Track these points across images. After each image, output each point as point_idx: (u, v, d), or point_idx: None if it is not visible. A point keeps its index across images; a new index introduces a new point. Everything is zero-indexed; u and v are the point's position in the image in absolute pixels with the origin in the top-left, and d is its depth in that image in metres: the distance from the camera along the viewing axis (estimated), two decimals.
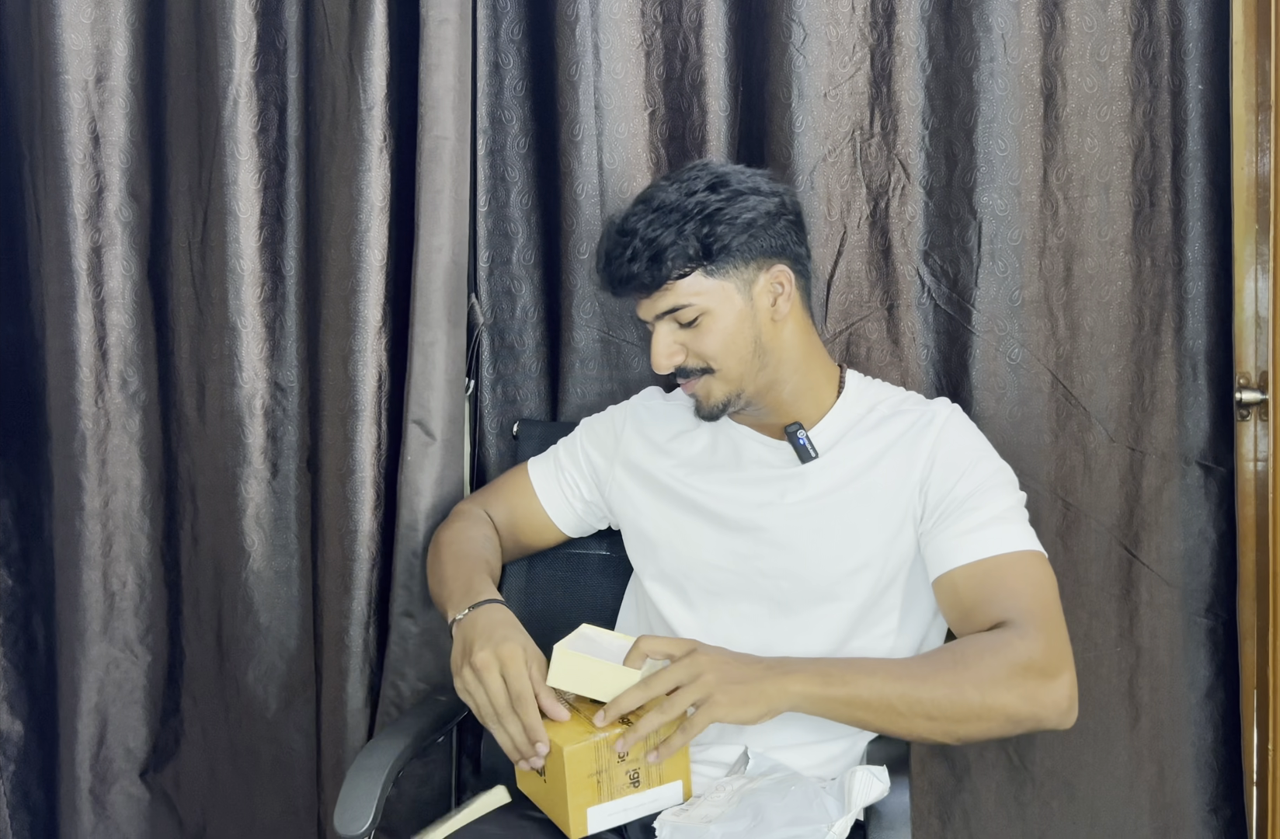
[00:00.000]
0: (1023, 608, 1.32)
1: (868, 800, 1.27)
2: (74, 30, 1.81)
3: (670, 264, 1.39)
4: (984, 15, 1.68)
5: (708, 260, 1.40)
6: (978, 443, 1.47)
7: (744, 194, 1.42)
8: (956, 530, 1.38)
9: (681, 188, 1.42)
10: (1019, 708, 1.27)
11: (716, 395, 1.46)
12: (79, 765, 1.94)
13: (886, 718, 1.27)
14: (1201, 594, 1.76)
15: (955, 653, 1.30)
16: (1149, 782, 1.78)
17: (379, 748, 1.47)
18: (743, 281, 1.43)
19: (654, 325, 1.45)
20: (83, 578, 1.90)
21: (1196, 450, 1.75)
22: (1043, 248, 1.72)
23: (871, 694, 1.26)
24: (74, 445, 1.88)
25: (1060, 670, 1.29)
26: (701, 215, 1.39)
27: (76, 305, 1.86)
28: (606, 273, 1.46)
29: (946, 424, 1.45)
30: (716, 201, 1.40)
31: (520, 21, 1.82)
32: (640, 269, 1.40)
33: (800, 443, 1.46)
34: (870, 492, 1.44)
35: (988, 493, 1.40)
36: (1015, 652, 1.28)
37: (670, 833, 1.27)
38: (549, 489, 1.64)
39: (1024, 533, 1.39)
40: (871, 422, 1.48)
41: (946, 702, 1.25)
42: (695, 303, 1.41)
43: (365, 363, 1.75)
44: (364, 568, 1.76)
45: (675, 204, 1.41)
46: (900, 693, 1.25)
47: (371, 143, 1.72)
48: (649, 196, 1.44)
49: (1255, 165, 1.70)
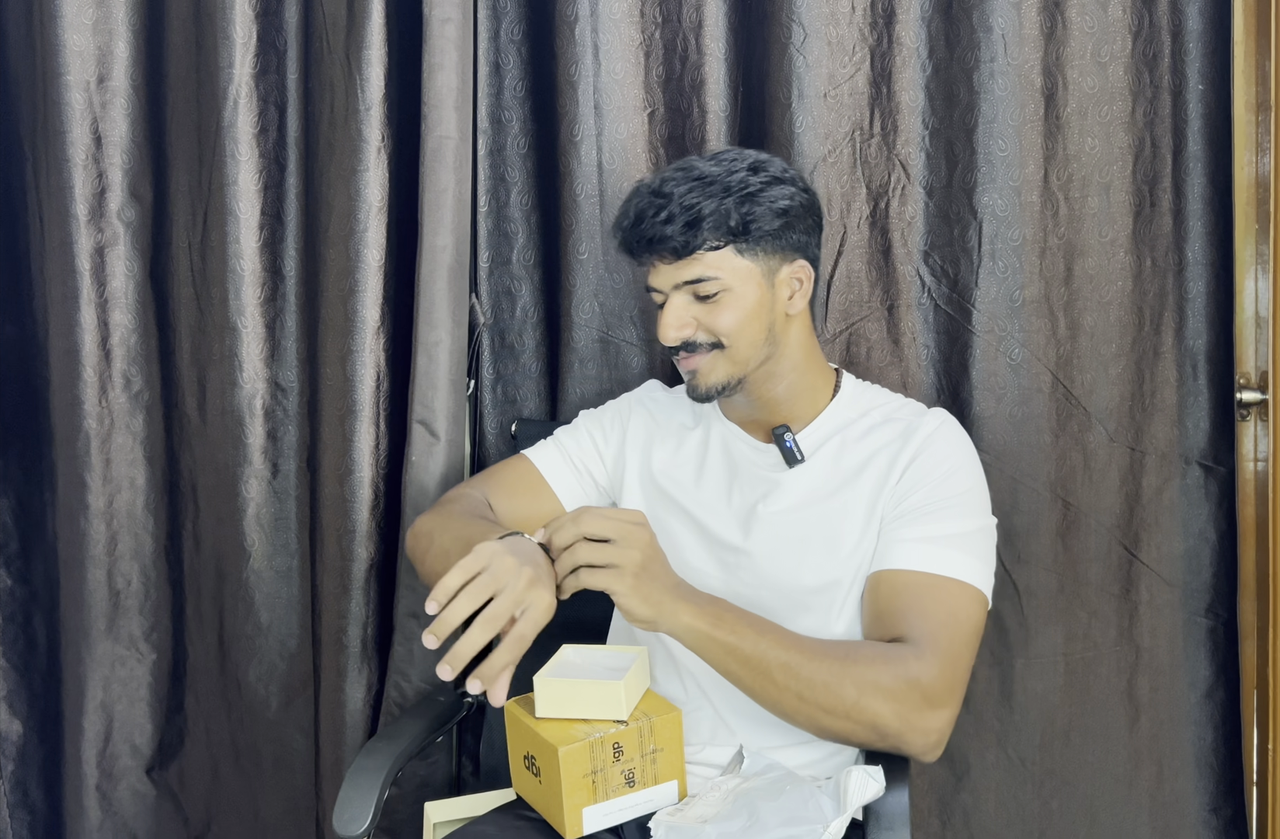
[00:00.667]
0: (928, 631, 1.29)
1: (864, 800, 1.26)
2: (75, 31, 1.82)
3: (707, 233, 1.37)
4: (984, 15, 1.68)
5: (743, 238, 1.39)
6: (958, 459, 1.42)
7: (782, 182, 1.41)
8: (899, 536, 1.37)
9: (722, 165, 1.41)
10: (888, 722, 1.25)
11: (719, 374, 1.43)
12: (85, 762, 1.95)
13: (758, 681, 1.26)
14: (1201, 594, 1.76)
15: (849, 648, 1.29)
16: (1149, 781, 1.78)
17: (378, 748, 1.47)
18: (768, 268, 1.42)
19: (668, 294, 1.42)
20: (87, 576, 1.91)
21: (1197, 450, 1.75)
22: (1043, 248, 1.72)
23: (753, 651, 1.25)
24: (78, 445, 1.89)
25: (944, 703, 1.27)
26: (743, 193, 1.38)
27: (80, 306, 1.87)
28: (635, 232, 1.41)
29: (932, 436, 1.42)
30: (757, 182, 1.39)
31: (520, 21, 1.82)
32: (674, 232, 1.37)
33: (787, 446, 1.45)
34: (850, 504, 1.42)
35: (945, 511, 1.37)
36: (907, 668, 1.26)
37: (665, 833, 1.27)
38: (560, 475, 1.59)
39: (967, 562, 1.35)
40: (861, 429, 1.46)
41: (823, 688, 1.24)
42: (721, 277, 1.39)
43: (364, 363, 1.75)
44: (362, 568, 1.77)
45: (717, 177, 1.39)
46: (782, 661, 1.24)
47: (369, 142, 1.73)
48: (687, 166, 1.42)
49: (1255, 165, 1.69)
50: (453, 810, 1.58)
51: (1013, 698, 1.77)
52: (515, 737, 1.40)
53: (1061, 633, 1.76)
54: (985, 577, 1.36)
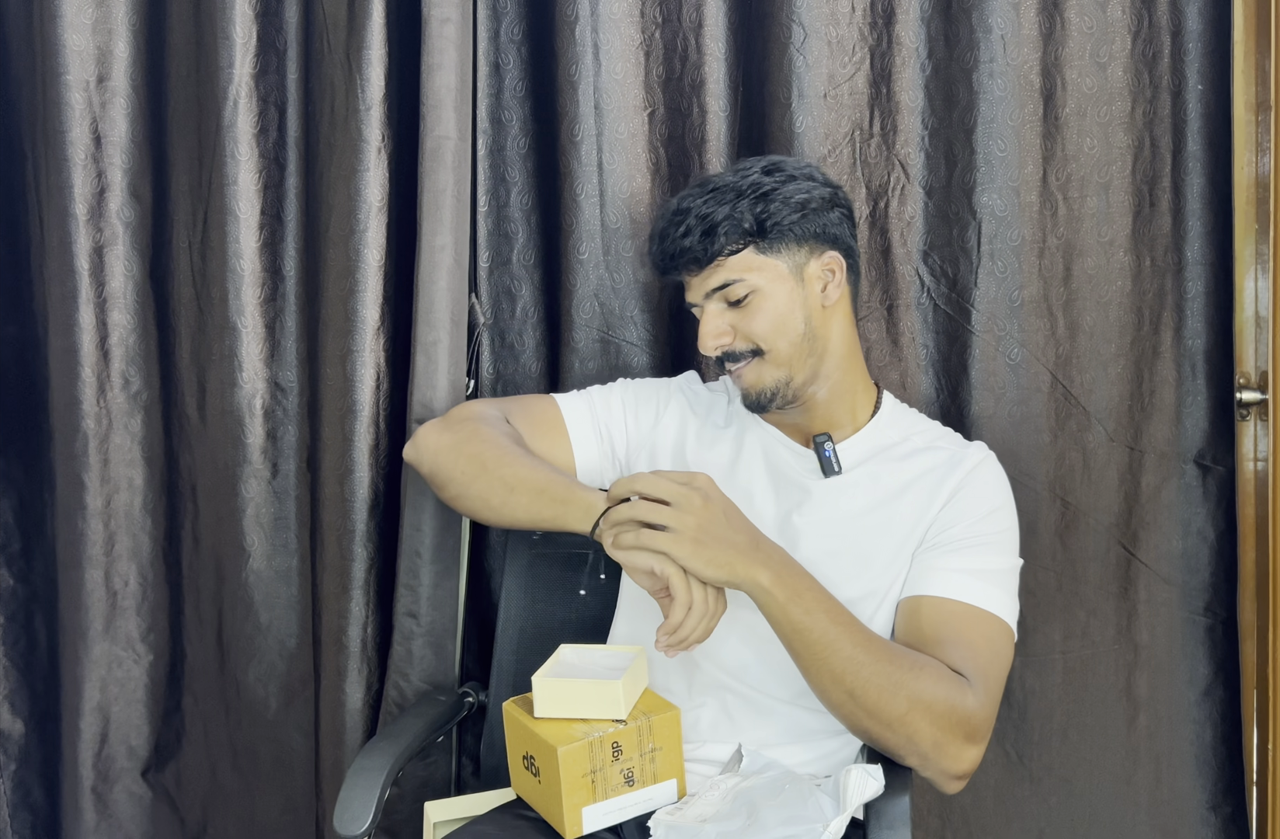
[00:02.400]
0: (980, 667, 1.30)
1: (863, 799, 1.26)
2: (75, 31, 1.81)
3: (723, 238, 1.40)
4: (984, 16, 1.68)
5: (760, 236, 1.41)
6: (1002, 497, 1.44)
7: (797, 178, 1.43)
8: (941, 564, 1.37)
9: (737, 172, 1.45)
10: (925, 743, 1.25)
11: (767, 380, 1.43)
12: (81, 764, 1.95)
13: (815, 666, 1.25)
14: (1200, 592, 1.77)
15: (915, 661, 1.27)
16: (1148, 779, 1.79)
17: (379, 748, 1.47)
18: (794, 263, 1.43)
19: (702, 306, 1.45)
20: (85, 577, 1.91)
21: (1195, 450, 1.75)
22: (1042, 248, 1.72)
23: (821, 637, 1.24)
24: (76, 445, 1.89)
25: (981, 740, 1.28)
26: (756, 194, 1.41)
27: (78, 305, 1.86)
28: (660, 250, 1.46)
29: (978, 468, 1.43)
30: (771, 182, 1.42)
31: (520, 21, 1.82)
32: (693, 243, 1.41)
33: (826, 455, 1.44)
34: (889, 523, 1.42)
35: (986, 546, 1.38)
36: (964, 699, 1.26)
37: (665, 833, 1.27)
38: (582, 430, 1.57)
39: (1004, 602, 1.37)
40: (903, 451, 1.46)
41: (876, 692, 1.24)
42: (747, 279, 1.41)
43: (364, 363, 1.75)
44: (362, 568, 1.76)
45: (730, 184, 1.43)
46: (846, 655, 1.24)
47: (370, 142, 1.73)
48: (705, 180, 1.47)
49: (1255, 165, 1.70)
50: (452, 810, 1.58)
51: (1011, 696, 1.77)
52: (514, 737, 1.40)
53: (1060, 631, 1.76)
54: (1015, 614, 1.39)
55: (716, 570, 1.23)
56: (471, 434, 1.47)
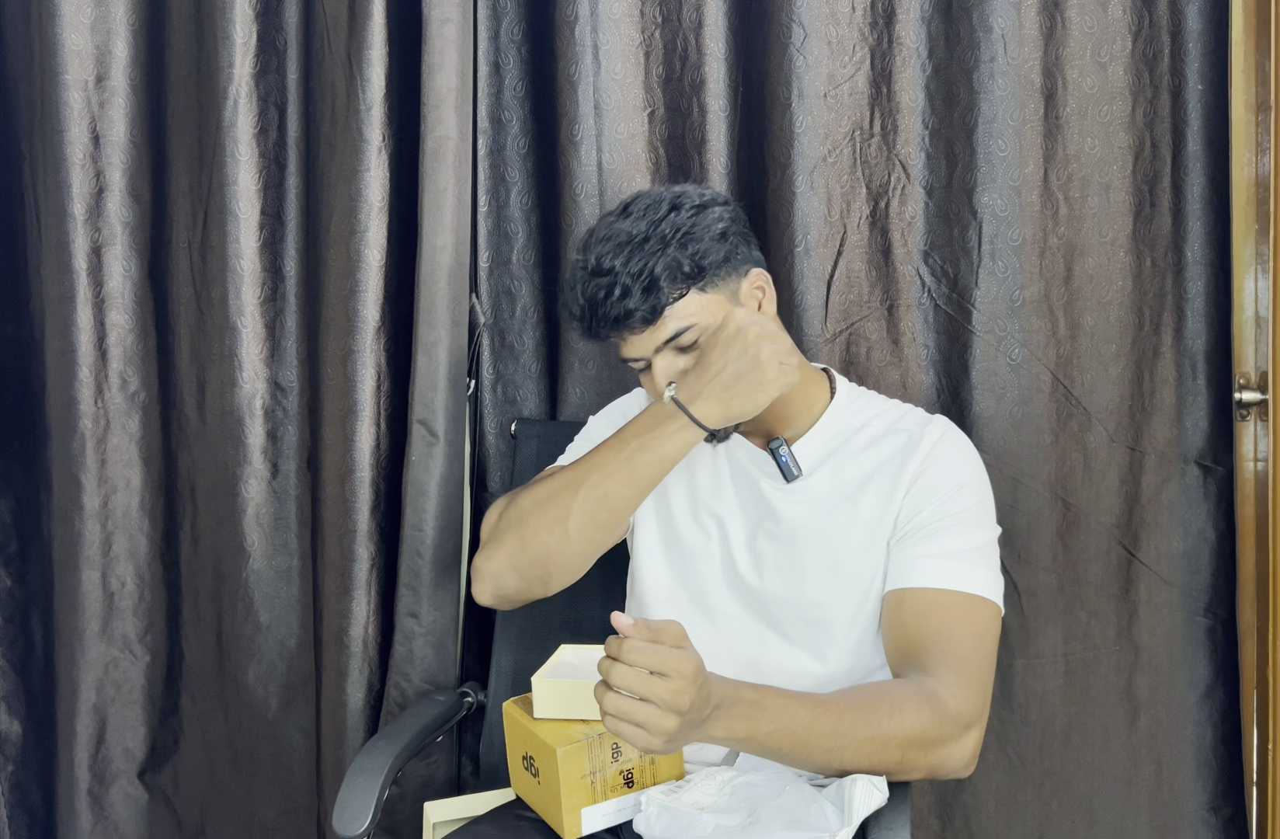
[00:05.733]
0: (959, 660, 1.29)
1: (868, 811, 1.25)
2: (74, 30, 1.81)
3: (666, 290, 1.34)
4: (984, 15, 1.68)
5: (699, 278, 1.36)
6: (967, 471, 1.42)
7: (706, 207, 1.39)
8: (919, 552, 1.36)
9: (641, 219, 1.38)
10: (928, 765, 1.24)
11: None
12: (77, 765, 1.95)
13: (802, 760, 1.20)
14: (1200, 593, 1.76)
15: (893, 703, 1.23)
16: (1148, 781, 1.78)
17: (379, 748, 1.47)
18: (730, 292, 1.40)
19: (650, 361, 1.39)
20: (82, 578, 1.91)
21: (1196, 450, 1.75)
22: (1043, 248, 1.72)
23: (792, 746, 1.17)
24: (73, 445, 1.89)
25: (974, 723, 1.27)
26: (679, 236, 1.35)
27: (76, 305, 1.87)
28: (595, 318, 1.37)
29: (937, 446, 1.41)
30: (687, 219, 1.37)
31: (520, 21, 1.82)
32: (636, 304, 1.34)
33: (783, 460, 1.43)
34: (856, 518, 1.40)
35: (958, 525, 1.36)
36: (944, 708, 1.24)
37: (657, 811, 1.27)
38: None
39: (985, 578, 1.35)
40: (864, 440, 1.44)
41: (866, 759, 1.20)
42: (696, 323, 1.36)
43: (364, 363, 1.75)
44: (363, 568, 1.76)
45: (646, 233, 1.36)
46: (827, 746, 1.18)
47: (370, 142, 1.73)
48: (610, 233, 1.38)
49: (1255, 165, 1.69)
50: (452, 810, 1.58)
51: (1012, 698, 1.77)
52: (514, 737, 1.40)
53: (1061, 633, 1.76)
54: (999, 587, 1.37)
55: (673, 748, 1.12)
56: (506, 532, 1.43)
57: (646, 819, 1.28)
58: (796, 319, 1.73)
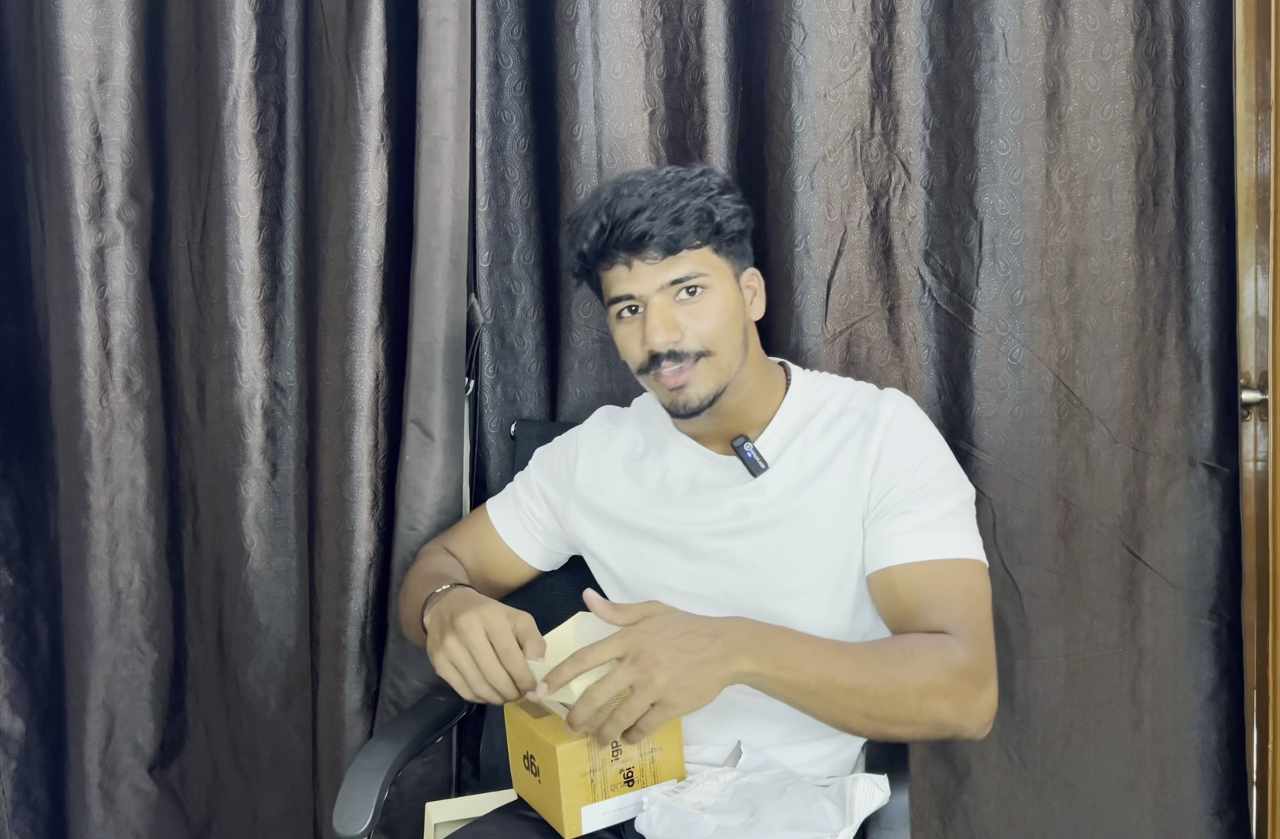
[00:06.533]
0: (960, 617, 1.31)
1: (870, 810, 1.26)
2: (76, 31, 1.82)
3: (694, 230, 1.33)
4: (985, 14, 1.67)
5: (718, 237, 1.37)
6: (925, 442, 1.42)
7: (730, 189, 1.41)
8: (895, 529, 1.36)
9: (673, 172, 1.38)
10: (950, 717, 1.26)
11: (708, 385, 1.38)
12: (87, 761, 1.96)
13: (825, 708, 1.24)
14: (1205, 596, 1.75)
15: (905, 650, 1.27)
16: (1151, 784, 1.78)
17: (378, 749, 1.47)
18: (736, 271, 1.41)
19: (646, 300, 1.36)
20: (89, 576, 1.91)
21: (1200, 451, 1.74)
22: (1045, 247, 1.71)
23: (820, 685, 1.22)
24: (79, 445, 1.89)
25: (988, 681, 1.30)
26: (709, 194, 1.36)
27: (80, 306, 1.87)
28: (616, 231, 1.33)
29: (891, 422, 1.40)
30: (716, 186, 1.38)
31: (520, 21, 1.82)
32: (660, 228, 1.31)
33: (749, 457, 1.43)
34: (824, 499, 1.40)
35: (928, 496, 1.37)
36: (956, 660, 1.27)
37: (660, 812, 1.27)
38: (509, 525, 1.61)
39: (964, 540, 1.37)
40: (820, 424, 1.44)
41: (888, 702, 1.23)
42: (708, 274, 1.36)
43: (362, 363, 1.75)
44: (361, 568, 1.76)
45: (683, 178, 1.36)
46: (848, 687, 1.22)
47: (369, 142, 1.73)
48: (644, 172, 1.38)
49: (1256, 165, 1.69)
50: (454, 811, 1.58)
51: (1014, 699, 1.77)
52: (514, 737, 1.40)
53: (1063, 634, 1.75)
54: (979, 545, 1.39)
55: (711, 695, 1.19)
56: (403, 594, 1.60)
57: (649, 819, 1.28)
58: (796, 319, 1.73)
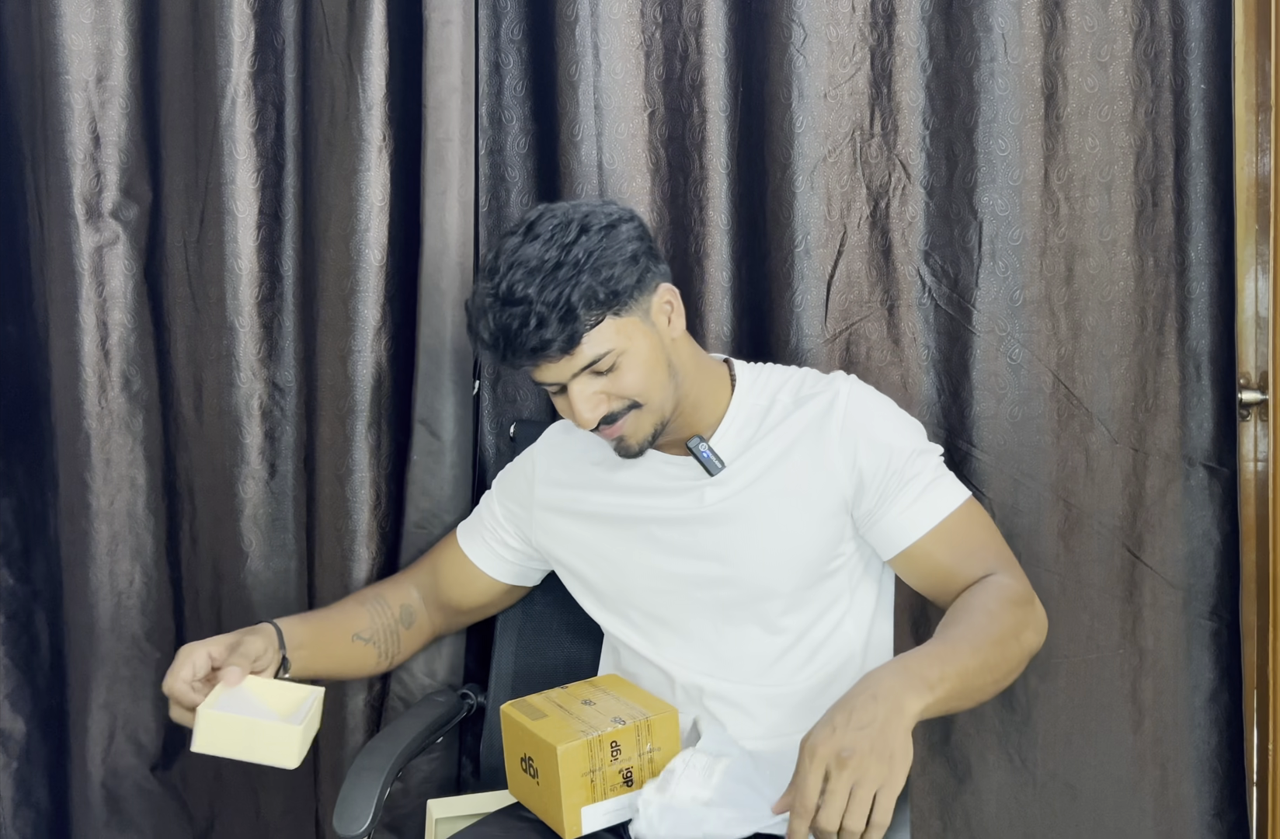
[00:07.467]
0: (993, 556, 1.42)
1: None
2: (74, 31, 1.81)
3: (583, 318, 1.31)
4: (984, 15, 1.67)
5: (614, 303, 1.34)
6: (884, 420, 1.45)
7: (615, 226, 1.37)
8: (893, 512, 1.40)
9: (550, 242, 1.34)
10: (1035, 641, 1.35)
11: (645, 429, 1.40)
12: (91, 760, 1.94)
13: (974, 697, 1.27)
14: (1205, 596, 1.76)
15: (989, 609, 1.32)
16: (1152, 785, 1.78)
17: (378, 749, 1.47)
18: (643, 311, 1.38)
19: (564, 385, 1.38)
20: (90, 576, 1.91)
21: (1200, 451, 1.74)
22: (1044, 248, 1.71)
23: (963, 682, 1.23)
24: (79, 445, 1.89)
25: (1034, 595, 1.40)
26: (592, 262, 1.32)
27: (79, 306, 1.86)
28: (510, 349, 1.33)
29: (849, 403, 1.43)
30: (598, 241, 1.34)
31: (520, 22, 1.82)
32: (554, 334, 1.31)
33: (704, 456, 1.44)
34: (788, 485, 1.42)
35: (905, 470, 1.40)
36: (1014, 591, 1.36)
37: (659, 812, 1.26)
38: (473, 542, 1.63)
39: (951, 486, 1.44)
40: (776, 416, 1.45)
41: (1004, 661, 1.29)
42: (613, 348, 1.35)
43: (364, 362, 1.75)
44: (363, 568, 1.76)
45: (559, 258, 1.32)
46: (977, 670, 1.25)
47: (371, 142, 1.73)
48: (518, 261, 1.33)
49: (1255, 165, 1.69)
50: (455, 808, 1.58)
51: (1014, 699, 1.77)
52: (512, 739, 1.40)
53: (1063, 634, 1.75)
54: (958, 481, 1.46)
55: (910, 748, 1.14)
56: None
57: (648, 821, 1.27)
58: (796, 319, 1.73)
